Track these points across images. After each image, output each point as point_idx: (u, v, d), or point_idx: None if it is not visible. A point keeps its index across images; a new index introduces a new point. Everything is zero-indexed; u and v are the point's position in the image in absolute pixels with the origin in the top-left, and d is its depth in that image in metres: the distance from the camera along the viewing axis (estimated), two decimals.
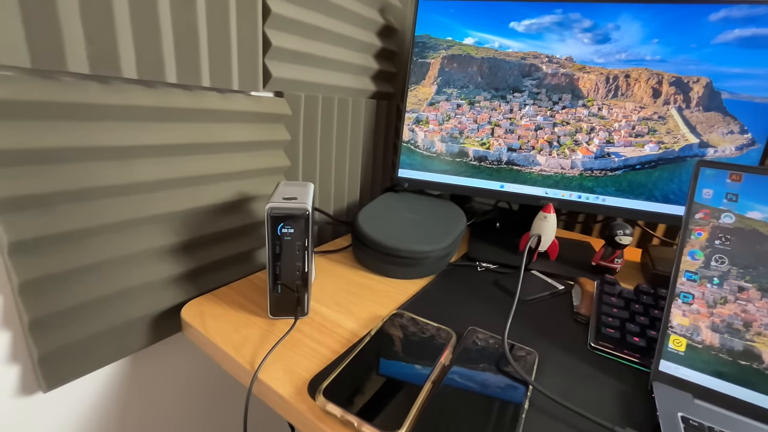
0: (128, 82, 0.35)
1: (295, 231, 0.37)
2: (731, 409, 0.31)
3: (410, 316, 0.41)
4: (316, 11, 0.52)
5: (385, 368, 0.33)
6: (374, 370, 0.32)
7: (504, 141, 0.60)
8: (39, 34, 0.28)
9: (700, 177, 0.37)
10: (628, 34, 0.53)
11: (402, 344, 0.36)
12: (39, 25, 0.28)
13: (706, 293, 0.34)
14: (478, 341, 0.38)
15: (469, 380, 0.32)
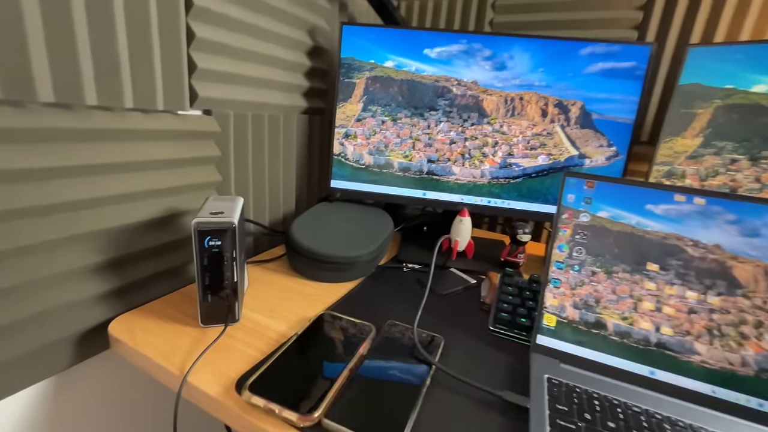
0: (45, 105, 0.36)
1: (223, 243, 0.40)
2: (587, 369, 0.39)
3: (336, 315, 0.45)
4: (244, 34, 0.55)
5: (307, 362, 0.37)
6: (297, 365, 0.36)
7: (424, 153, 0.67)
8: None
9: (566, 184, 0.45)
10: (520, 63, 0.62)
11: (326, 340, 0.41)
12: None
13: (570, 278, 0.43)
14: (395, 332, 0.43)
15: (383, 365, 0.37)
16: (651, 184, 0.43)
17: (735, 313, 0.38)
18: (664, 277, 0.40)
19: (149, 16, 0.42)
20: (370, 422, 0.31)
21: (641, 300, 0.40)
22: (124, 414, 0.51)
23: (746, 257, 0.38)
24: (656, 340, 0.39)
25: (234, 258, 0.41)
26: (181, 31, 0.46)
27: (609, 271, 0.42)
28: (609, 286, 0.41)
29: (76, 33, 0.36)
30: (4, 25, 0.31)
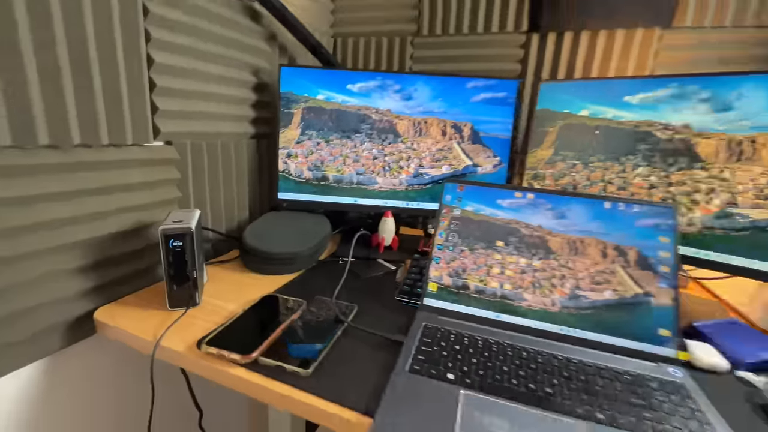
0: (43, 147, 0.48)
1: (183, 244, 0.53)
2: (456, 318, 0.55)
3: (275, 295, 0.59)
4: (198, 80, 0.68)
5: (251, 325, 0.50)
6: (243, 327, 0.50)
7: (353, 168, 0.82)
8: None
9: (445, 188, 0.62)
10: (422, 94, 0.79)
11: (266, 311, 0.54)
12: None
13: (446, 255, 0.59)
14: (320, 304, 0.58)
15: (309, 325, 0.52)
16: (498, 185, 0.60)
17: (549, 270, 0.55)
18: (506, 249, 0.57)
19: (119, 73, 0.55)
20: (293, 357, 0.45)
21: (491, 267, 0.57)
22: (108, 390, 0.62)
23: (557, 232, 0.56)
24: (501, 294, 0.55)
25: (193, 255, 0.54)
26: (145, 82, 0.59)
27: (472, 248, 0.58)
28: (472, 259, 0.58)
29: (65, 91, 0.48)
30: (18, 89, 0.43)
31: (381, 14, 1.06)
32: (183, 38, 0.64)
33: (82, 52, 0.50)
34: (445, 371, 0.43)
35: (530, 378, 0.43)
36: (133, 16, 0.56)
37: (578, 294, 0.53)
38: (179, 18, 0.63)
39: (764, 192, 0.55)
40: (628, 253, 0.53)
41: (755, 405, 0.43)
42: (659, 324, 0.50)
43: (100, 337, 0.58)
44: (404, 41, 1.04)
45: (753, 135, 0.56)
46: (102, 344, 0.60)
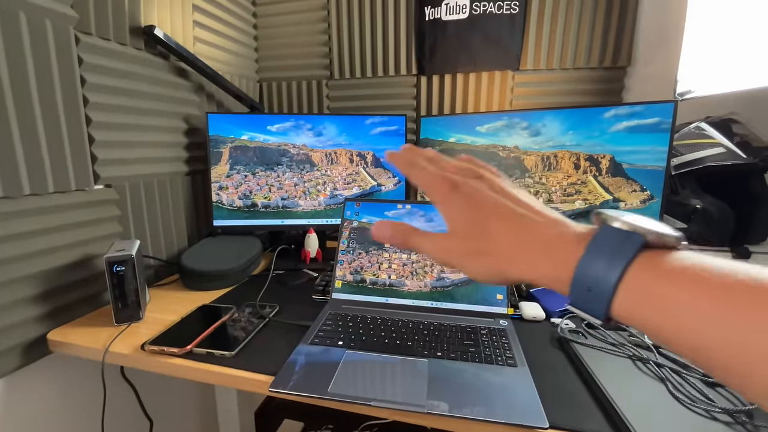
0: None
1: (126, 268, 0.65)
2: (357, 306, 0.71)
3: (209, 305, 0.72)
4: (133, 131, 0.80)
5: (187, 327, 0.63)
6: (180, 329, 0.62)
7: (278, 194, 0.97)
8: None
9: (345, 205, 0.79)
10: (330, 131, 0.97)
11: (200, 317, 0.67)
12: None
13: (348, 258, 0.75)
14: (248, 308, 0.71)
15: (236, 322, 0.65)
16: (385, 200, 0.78)
17: (422, 261, 0.73)
18: (391, 249, 0.75)
19: (62, 133, 0.66)
20: (222, 346, 0.58)
21: (381, 263, 0.74)
22: (62, 405, 0.70)
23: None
24: (389, 283, 0.73)
25: (134, 276, 0.66)
26: (85, 138, 0.71)
27: (367, 251, 0.75)
28: (367, 259, 0.75)
29: (15, 148, 0.59)
30: None
31: (299, 62, 1.24)
32: (117, 99, 0.77)
33: (29, 117, 0.61)
34: (336, 340, 0.59)
35: (398, 337, 0.60)
36: (71, 85, 0.68)
37: (443, 276, 0.71)
38: (112, 83, 0.76)
39: (567, 191, 0.78)
40: None
41: (552, 338, 0.63)
42: (496, 291, 0.69)
43: (53, 358, 0.67)
44: (320, 84, 1.23)
45: (555, 152, 0.79)
46: (55, 364, 0.69)
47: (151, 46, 0.84)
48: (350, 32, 1.17)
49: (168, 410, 0.96)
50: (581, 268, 0.23)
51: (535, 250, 0.25)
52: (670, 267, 0.21)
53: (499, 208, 0.27)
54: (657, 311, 0.21)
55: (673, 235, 0.22)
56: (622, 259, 0.22)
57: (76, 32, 0.69)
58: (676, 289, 0.20)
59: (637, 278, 0.22)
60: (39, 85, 0.63)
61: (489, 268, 0.27)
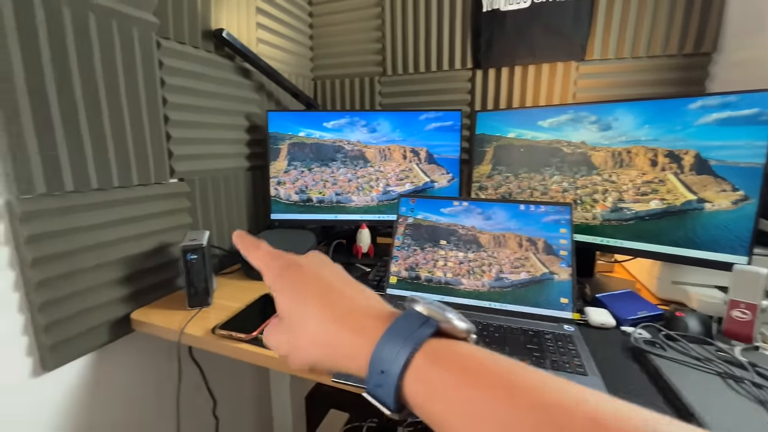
0: (95, 190, 0.65)
1: (198, 257, 0.69)
2: None
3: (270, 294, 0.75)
4: (202, 129, 0.86)
5: (251, 315, 0.66)
6: (247, 316, 0.66)
7: (332, 190, 0.99)
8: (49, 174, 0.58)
9: (400, 202, 0.79)
10: (384, 127, 0.97)
11: (264, 305, 0.70)
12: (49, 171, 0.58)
13: (403, 255, 0.75)
14: None
15: None
16: (441, 197, 0.77)
17: (479, 260, 0.71)
18: (447, 246, 0.73)
19: (144, 129, 0.72)
20: None
21: (437, 261, 0.73)
22: (145, 375, 0.77)
23: (485, 230, 0.73)
24: (444, 281, 0.71)
25: (205, 265, 0.70)
26: (163, 134, 0.77)
27: (422, 247, 0.74)
28: (422, 256, 0.74)
29: (108, 146, 0.66)
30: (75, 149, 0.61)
31: (352, 59, 1.26)
32: (190, 99, 0.83)
33: (118, 116, 0.68)
34: None
35: None
36: (153, 87, 0.74)
37: (501, 276, 0.69)
38: (186, 84, 0.81)
39: (640, 189, 0.72)
40: (538, 242, 0.69)
41: (624, 347, 0.59)
42: (561, 294, 0.66)
43: (135, 335, 0.73)
44: (373, 81, 1.23)
45: (628, 147, 0.73)
46: (133, 342, 0.76)
47: (219, 48, 0.89)
48: (404, 28, 1.16)
49: (227, 390, 1.02)
50: (378, 348, 0.23)
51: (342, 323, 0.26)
52: (447, 354, 0.22)
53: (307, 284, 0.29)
54: (430, 396, 0.22)
55: (464, 327, 0.24)
56: (412, 342, 0.23)
57: (157, 38, 0.74)
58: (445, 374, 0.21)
59: (419, 363, 0.22)
60: (127, 87, 0.68)
61: None
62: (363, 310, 0.26)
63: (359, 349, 0.24)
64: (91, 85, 0.63)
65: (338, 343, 0.26)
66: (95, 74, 0.63)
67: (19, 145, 0.55)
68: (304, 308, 0.27)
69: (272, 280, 0.30)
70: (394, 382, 0.22)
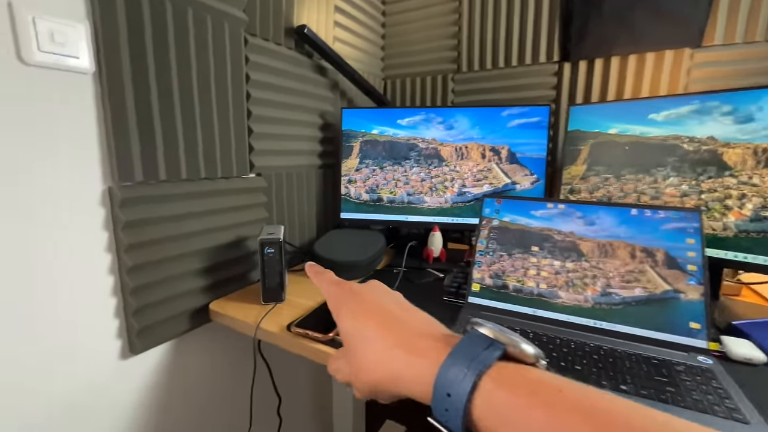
0: (184, 180, 0.66)
1: (274, 251, 0.68)
2: (498, 314, 0.63)
3: None
4: (280, 125, 0.86)
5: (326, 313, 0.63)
6: (320, 315, 0.63)
7: (404, 189, 0.95)
8: (146, 162, 0.60)
9: (484, 203, 0.72)
10: (462, 124, 0.91)
11: None
12: (146, 160, 0.60)
13: (487, 260, 0.68)
14: None
15: None
16: (532, 198, 0.69)
17: (581, 271, 0.62)
18: (540, 254, 0.65)
19: (229, 123, 0.74)
20: None
21: (528, 269, 0.65)
22: (218, 365, 0.78)
23: (588, 237, 0.63)
24: (537, 292, 0.63)
25: (281, 260, 0.69)
26: (245, 129, 0.78)
27: (510, 253, 0.67)
28: (510, 263, 0.66)
29: (198, 138, 0.67)
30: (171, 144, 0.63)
31: (424, 57, 1.21)
32: (271, 94, 0.83)
33: (207, 110, 0.69)
34: None
35: (560, 357, 0.50)
36: (239, 82, 0.75)
37: (609, 291, 0.59)
38: (267, 80, 0.82)
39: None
40: (656, 254, 0.58)
41: None
42: (690, 318, 0.54)
43: (211, 326, 0.74)
44: (446, 78, 1.18)
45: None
46: (212, 332, 0.76)
47: (299, 45, 0.89)
48: (483, 21, 1.10)
49: (290, 389, 1.01)
50: (443, 370, 0.23)
51: (403, 347, 0.26)
52: (515, 379, 0.22)
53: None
54: (500, 420, 0.21)
55: (533, 352, 0.23)
56: (479, 364, 0.22)
57: (245, 34, 0.76)
58: (513, 398, 0.21)
59: (486, 386, 0.22)
60: (216, 81, 0.70)
61: None
62: (425, 333, 0.27)
63: (423, 372, 0.24)
64: (186, 79, 0.65)
65: (401, 367, 0.26)
66: (190, 68, 0.65)
67: (123, 135, 0.57)
68: (365, 333, 0.28)
69: (335, 307, 0.31)
70: (462, 405, 0.22)
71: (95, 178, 0.56)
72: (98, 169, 0.56)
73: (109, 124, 0.56)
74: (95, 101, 0.55)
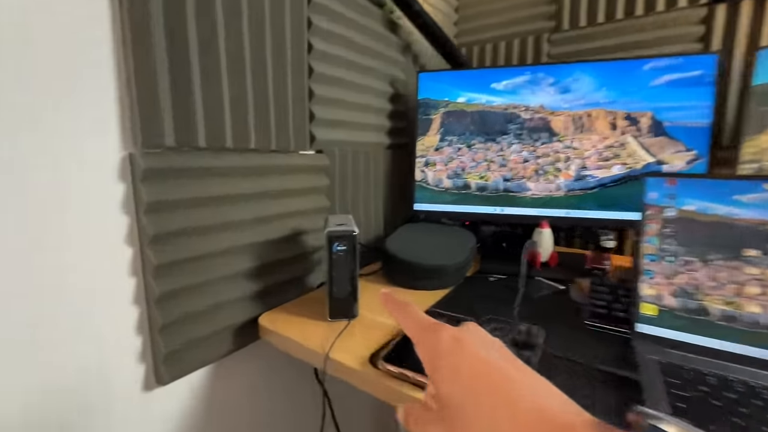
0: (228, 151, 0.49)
1: (346, 249, 0.49)
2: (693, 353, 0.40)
3: (439, 311, 0.51)
4: (345, 89, 0.68)
5: None
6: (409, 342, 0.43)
7: (499, 173, 0.73)
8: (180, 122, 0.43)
9: (647, 184, 0.49)
10: (583, 85, 0.68)
11: None
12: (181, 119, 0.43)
13: (663, 269, 0.45)
14: (494, 324, 0.48)
15: None
16: (735, 176, 0.45)
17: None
18: (765, 261, 0.41)
19: (287, 83, 0.56)
20: None
21: (743, 285, 0.41)
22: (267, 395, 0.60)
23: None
24: (764, 321, 0.39)
25: (355, 260, 0.50)
26: (305, 90, 0.60)
27: (704, 259, 0.43)
28: (706, 274, 0.43)
29: (247, 99, 0.50)
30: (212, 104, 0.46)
31: (509, 16, 0.99)
32: (336, 48, 0.65)
33: (261, 61, 0.52)
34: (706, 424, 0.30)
35: None
36: (300, 29, 0.57)
37: None
38: (333, 29, 0.64)
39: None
40: None
41: None
42: None
43: (259, 344, 0.57)
44: (539, 40, 0.95)
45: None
46: (260, 351, 0.59)
47: None
48: None
49: (350, 420, 0.82)
50: None
51: None
52: None
53: None
54: None
55: None
56: None
57: None
58: None
59: None
60: (272, 25, 0.53)
61: None
62: (558, 414, 0.19)
63: None
64: (235, 20, 0.48)
65: None
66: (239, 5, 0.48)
67: (150, 84, 0.40)
68: (475, 400, 0.21)
69: (429, 360, 0.23)
70: None
71: (112, 141, 0.40)
72: (116, 128, 0.40)
73: (131, 65, 0.39)
74: (112, 29, 0.39)
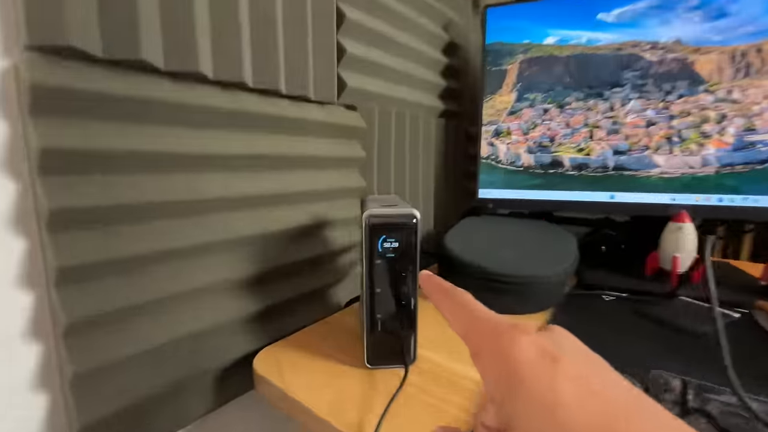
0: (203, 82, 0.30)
1: (401, 245, 0.29)
2: None
3: None
4: (386, 22, 0.48)
5: None
6: None
7: (608, 144, 0.51)
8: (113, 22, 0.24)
9: None
10: (750, 4, 0.45)
11: None
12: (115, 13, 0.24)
13: None
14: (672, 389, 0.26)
15: None
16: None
17: None
18: None
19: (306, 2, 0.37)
20: None
21: None
22: None
23: None
24: None
25: (415, 266, 0.29)
26: (333, 14, 0.40)
27: None
28: None
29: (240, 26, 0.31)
30: None
31: None
32: None
33: None
34: None
35: None
36: None
37: None
38: None
39: None
40: None
41: None
42: None
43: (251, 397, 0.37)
44: None
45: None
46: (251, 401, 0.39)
47: None
48: None
49: None
50: None
51: None
52: None
53: None
54: None
55: None
56: None
57: None
58: None
59: None
60: None
61: None
62: None
63: None
64: None
65: None
66: None
67: None
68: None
69: (496, 380, 0.14)
70: None
71: None
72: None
73: None
74: None
